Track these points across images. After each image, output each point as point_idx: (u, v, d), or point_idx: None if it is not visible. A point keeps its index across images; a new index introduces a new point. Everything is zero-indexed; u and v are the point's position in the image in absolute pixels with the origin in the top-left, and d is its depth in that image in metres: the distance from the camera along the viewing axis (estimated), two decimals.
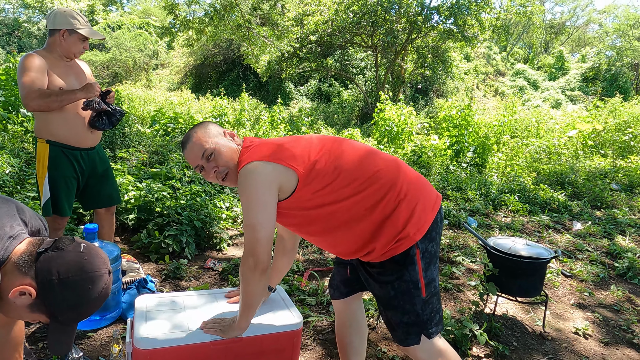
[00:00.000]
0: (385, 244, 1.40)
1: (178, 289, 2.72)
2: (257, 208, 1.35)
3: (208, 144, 1.47)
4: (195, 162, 1.49)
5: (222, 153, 1.46)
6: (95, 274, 1.16)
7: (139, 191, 3.61)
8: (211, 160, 1.46)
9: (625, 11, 24.53)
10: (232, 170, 1.47)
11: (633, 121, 9.72)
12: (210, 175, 1.49)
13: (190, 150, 1.48)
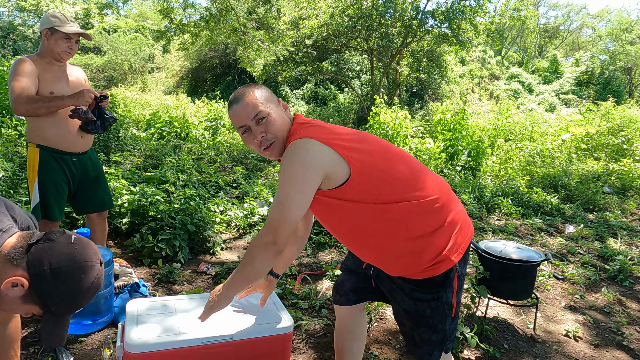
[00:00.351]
0: (426, 262, 1.36)
1: (171, 293, 2.72)
2: (297, 186, 1.25)
3: (263, 106, 1.36)
4: (242, 122, 1.36)
5: (274, 120, 1.36)
6: (87, 263, 1.17)
7: (132, 195, 3.61)
8: (261, 124, 1.35)
9: (618, 15, 24.78)
10: (278, 142, 1.37)
11: (625, 124, 9.81)
12: (253, 140, 1.37)
13: (242, 108, 1.35)
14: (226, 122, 10.81)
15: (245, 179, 5.52)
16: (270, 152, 1.39)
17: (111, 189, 3.69)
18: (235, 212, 4.09)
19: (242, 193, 4.87)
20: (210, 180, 5.05)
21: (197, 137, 7.99)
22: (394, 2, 14.09)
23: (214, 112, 10.14)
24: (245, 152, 7.22)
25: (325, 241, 3.76)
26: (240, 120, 1.37)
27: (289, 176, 1.26)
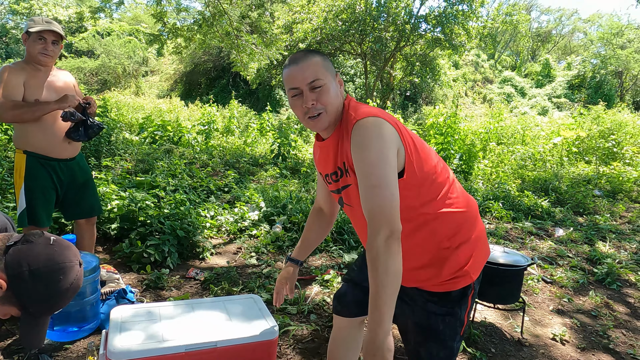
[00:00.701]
0: (446, 274, 1.32)
1: (159, 298, 2.71)
2: (386, 166, 1.15)
3: (322, 74, 1.27)
4: (295, 84, 1.28)
5: (330, 92, 1.28)
6: (66, 264, 1.17)
7: (122, 200, 3.60)
8: (315, 92, 1.27)
9: (609, 20, 25.07)
10: (326, 115, 1.29)
11: (616, 128, 9.91)
12: (301, 106, 1.29)
13: (300, 71, 1.27)
14: (219, 125, 10.81)
15: (237, 183, 5.52)
16: (314, 123, 1.30)
17: (101, 194, 3.68)
18: (226, 216, 4.09)
19: (233, 197, 4.87)
20: (202, 184, 5.04)
21: (190, 141, 7.98)
22: (387, 6, 14.18)
23: (207, 115, 10.14)
24: (238, 156, 7.22)
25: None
26: (294, 82, 1.28)
27: (375, 158, 1.16)
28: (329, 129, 1.34)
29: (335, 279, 3.12)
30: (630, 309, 3.15)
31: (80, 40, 22.18)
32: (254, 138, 9.71)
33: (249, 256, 3.48)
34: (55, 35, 2.28)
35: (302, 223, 4.03)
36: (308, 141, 11.18)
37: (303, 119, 1.31)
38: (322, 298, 2.88)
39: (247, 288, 2.92)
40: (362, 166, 1.18)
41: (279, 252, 3.67)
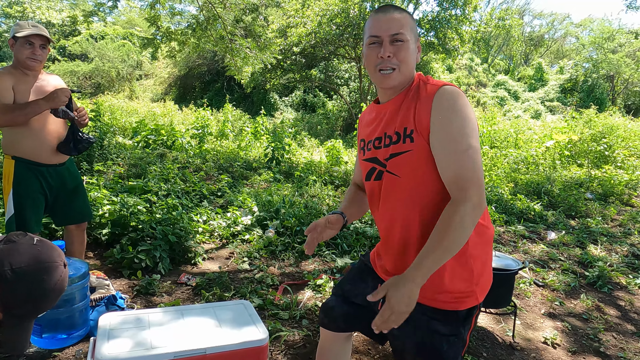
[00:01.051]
0: (455, 290, 1.25)
1: (150, 304, 2.69)
2: (474, 133, 1.14)
3: (406, 30, 1.23)
4: (377, 32, 1.23)
5: (408, 51, 1.24)
6: (50, 264, 1.15)
7: (113, 205, 3.58)
8: (395, 45, 1.23)
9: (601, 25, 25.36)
10: (398, 73, 1.24)
11: (607, 131, 10.00)
12: (376, 56, 1.24)
13: (386, 20, 1.23)
14: (213, 129, 10.79)
15: (230, 188, 5.50)
16: (383, 78, 1.25)
17: (92, 199, 3.66)
18: (219, 221, 4.07)
19: (226, 202, 4.85)
20: (195, 189, 5.02)
21: (184, 145, 7.96)
22: None
23: (201, 119, 10.12)
24: (232, 160, 7.21)
25: None
26: (376, 30, 1.23)
27: (463, 124, 1.13)
28: (395, 89, 1.28)
29: (327, 283, 3.12)
30: (621, 312, 3.17)
31: (73, 43, 22.08)
32: (248, 142, 9.70)
33: (242, 261, 3.47)
34: (43, 40, 2.27)
35: (295, 227, 4.02)
36: (302, 145, 11.19)
37: (374, 71, 1.26)
38: (314, 303, 2.88)
39: (239, 293, 2.91)
40: (450, 130, 1.14)
41: (272, 257, 3.66)
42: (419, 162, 1.19)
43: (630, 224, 5.40)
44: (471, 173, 1.11)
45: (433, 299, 1.26)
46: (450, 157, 1.14)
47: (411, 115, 1.21)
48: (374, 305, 1.38)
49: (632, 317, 3.11)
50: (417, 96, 1.23)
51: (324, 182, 6.23)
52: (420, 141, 1.19)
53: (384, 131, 1.29)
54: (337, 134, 15.37)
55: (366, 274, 1.52)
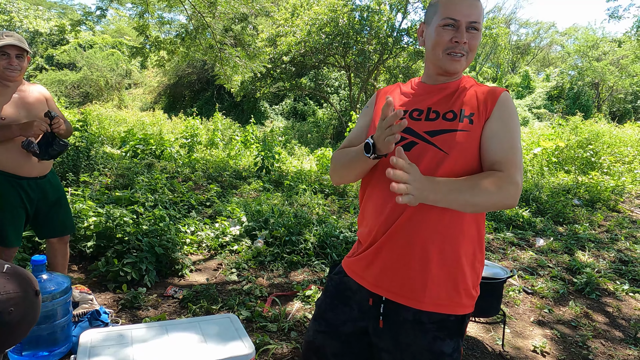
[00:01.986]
0: (461, 290, 1.21)
1: (135, 319, 2.63)
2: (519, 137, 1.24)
3: (481, 23, 1.24)
4: (456, 16, 1.20)
5: (478, 41, 1.25)
6: (18, 295, 1.10)
7: (99, 217, 3.52)
8: (470, 33, 1.22)
9: (585, 33, 25.87)
10: (466, 60, 1.25)
11: (593, 138, 10.15)
12: (449, 38, 1.21)
13: (470, 5, 1.21)
14: (203, 138, 10.73)
15: (219, 197, 5.46)
16: (453, 62, 1.23)
17: (76, 211, 3.60)
18: (207, 232, 4.03)
19: (215, 212, 4.81)
20: (183, 199, 4.97)
21: (172, 154, 7.89)
22: (370, 20, 14.38)
23: (190, 128, 10.06)
24: (221, 169, 7.16)
25: (298, 260, 3.73)
26: (455, 13, 1.20)
27: (516, 127, 1.22)
28: (452, 75, 1.28)
29: (316, 294, 3.09)
30: (609, 318, 3.19)
31: (61, 53, 21.92)
32: (237, 151, 9.66)
33: (230, 272, 3.43)
34: (18, 50, 2.22)
35: (284, 237, 3.99)
36: (292, 153, 11.18)
37: (442, 52, 1.23)
38: (303, 314, 2.84)
39: (226, 306, 2.87)
40: (510, 126, 1.20)
41: (261, 268, 3.63)
42: (472, 144, 1.20)
43: (617, 229, 5.46)
44: (519, 164, 1.17)
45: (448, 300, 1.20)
46: (505, 144, 1.18)
47: (474, 102, 1.24)
48: (372, 334, 1.27)
49: (620, 323, 3.12)
50: (478, 89, 1.27)
51: (313, 190, 6.22)
52: (478, 126, 1.21)
53: (428, 106, 1.27)
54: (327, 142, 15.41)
55: (346, 294, 1.33)
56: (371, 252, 1.26)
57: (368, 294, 1.27)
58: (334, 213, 5.38)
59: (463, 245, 1.20)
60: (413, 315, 1.20)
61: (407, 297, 1.20)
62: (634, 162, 9.62)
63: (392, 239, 1.21)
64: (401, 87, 1.40)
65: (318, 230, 4.20)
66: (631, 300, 3.51)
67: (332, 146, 13.68)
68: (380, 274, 1.24)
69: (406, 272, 1.20)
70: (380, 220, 1.23)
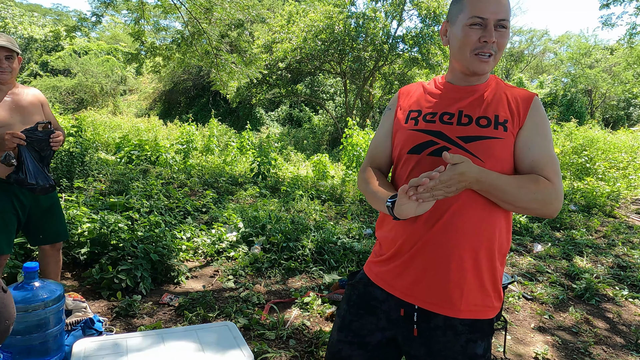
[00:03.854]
0: (492, 293, 1.21)
1: (130, 327, 2.58)
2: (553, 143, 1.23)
3: (509, 20, 1.20)
4: (486, 14, 1.15)
5: (507, 39, 1.21)
6: None
7: (93, 223, 3.46)
8: (499, 31, 1.17)
9: (577, 41, 26.15)
10: (494, 60, 1.20)
11: (588, 144, 10.21)
12: (477, 38, 1.17)
13: (499, 3, 1.17)
14: (199, 144, 10.68)
15: (216, 203, 5.41)
16: (481, 63, 1.19)
17: (70, 217, 3.54)
18: (203, 238, 3.98)
19: (211, 218, 4.76)
20: (179, 205, 4.92)
21: (168, 160, 7.84)
22: (366, 27, 14.46)
23: (186, 134, 10.01)
24: (217, 175, 7.11)
25: (295, 267, 3.68)
26: (483, 11, 1.15)
27: (551, 133, 1.22)
28: (480, 76, 1.24)
29: (315, 301, 3.04)
30: (610, 324, 3.17)
31: (56, 59, 21.84)
32: (233, 157, 9.62)
33: (226, 279, 3.38)
34: (7, 51, 2.16)
35: (281, 244, 3.95)
36: (288, 159, 11.15)
37: (470, 52, 1.18)
38: (301, 322, 2.80)
39: (223, 313, 2.81)
40: (546, 133, 1.20)
41: (258, 274, 3.58)
42: (506, 152, 1.18)
43: (614, 235, 5.46)
44: (558, 171, 1.17)
45: (483, 306, 1.19)
46: (542, 151, 1.17)
47: (506, 107, 1.21)
48: (402, 343, 1.24)
49: (621, 329, 3.10)
50: (508, 93, 1.24)
51: (310, 196, 6.18)
52: (511, 133, 1.18)
53: (459, 109, 1.22)
54: (323, 148, 15.40)
55: (372, 303, 1.28)
56: (404, 262, 1.22)
57: (398, 303, 1.23)
58: (331, 219, 5.34)
59: (495, 247, 1.19)
60: (444, 320, 1.18)
61: (444, 306, 1.18)
62: (628, 167, 9.67)
63: (426, 248, 1.18)
64: (425, 86, 1.36)
65: (315, 236, 4.16)
66: (631, 306, 3.50)
67: (328, 152, 13.66)
68: (414, 283, 1.20)
69: (442, 281, 1.17)
70: (412, 228, 1.20)
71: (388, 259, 1.27)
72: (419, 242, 1.19)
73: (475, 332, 1.19)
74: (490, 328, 1.22)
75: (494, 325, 1.25)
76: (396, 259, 1.24)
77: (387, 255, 1.27)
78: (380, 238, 1.33)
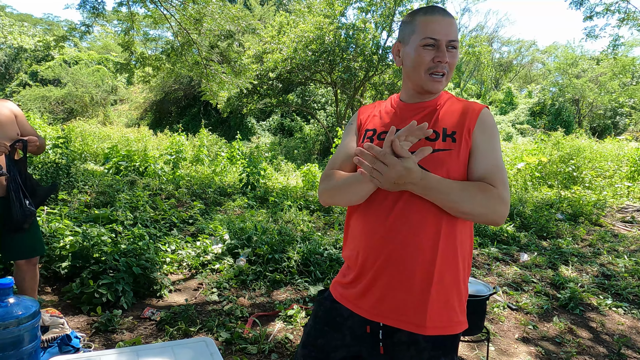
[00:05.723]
0: (458, 308, 1.21)
1: (109, 343, 2.53)
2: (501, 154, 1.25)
3: (458, 40, 1.25)
4: (438, 35, 1.20)
5: (457, 59, 1.25)
6: None
7: (75, 236, 3.42)
8: (450, 52, 1.22)
9: (564, 51, 26.60)
10: (446, 78, 1.25)
11: (575, 153, 10.33)
12: (431, 58, 1.21)
13: (448, 24, 1.21)
14: (188, 154, 10.64)
15: (203, 215, 5.37)
16: (434, 82, 1.23)
17: (52, 230, 3.49)
18: (187, 250, 3.94)
19: (197, 230, 4.72)
20: (165, 217, 4.88)
21: (156, 171, 7.79)
22: (356, 38, 14.59)
23: (175, 144, 9.98)
24: (206, 186, 7.08)
25: (281, 279, 3.66)
26: (436, 33, 1.20)
27: (498, 144, 1.24)
28: (433, 94, 1.27)
29: (299, 313, 3.02)
30: (593, 334, 3.18)
31: (46, 69, 21.73)
32: (223, 167, 9.59)
33: (210, 292, 3.34)
34: None
35: (267, 255, 3.93)
36: (279, 169, 11.14)
37: (425, 73, 1.22)
38: (284, 335, 2.77)
39: (205, 327, 2.78)
40: (494, 145, 1.22)
41: (242, 287, 3.55)
42: (456, 163, 1.19)
43: (599, 243, 5.51)
44: (505, 181, 1.19)
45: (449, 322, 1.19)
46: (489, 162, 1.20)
47: (455, 120, 1.23)
48: (367, 358, 1.25)
49: (604, 339, 3.11)
50: (458, 106, 1.27)
51: (299, 207, 6.17)
52: (462, 145, 1.20)
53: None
54: (314, 158, 15.43)
55: (337, 320, 1.29)
56: (368, 281, 1.23)
57: (363, 321, 1.24)
58: (319, 229, 5.33)
59: (459, 263, 1.20)
60: (408, 336, 1.19)
61: (410, 322, 1.18)
62: (614, 176, 9.80)
63: (389, 265, 1.19)
64: (381, 105, 1.40)
65: (302, 247, 4.14)
66: (614, 315, 3.52)
67: (318, 162, 13.68)
68: (379, 301, 1.21)
69: (407, 299, 1.18)
70: (371, 243, 1.21)
71: (353, 281, 1.27)
72: (380, 258, 1.20)
73: (438, 348, 1.19)
74: (454, 344, 1.23)
75: (458, 340, 1.25)
76: (361, 280, 1.25)
77: (352, 277, 1.28)
78: (345, 258, 1.34)
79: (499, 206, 1.14)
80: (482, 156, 1.20)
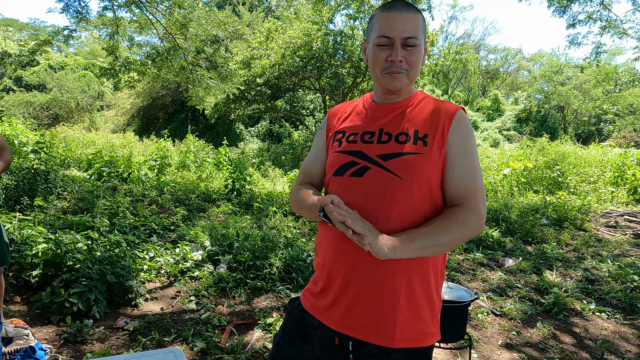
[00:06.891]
0: (429, 320, 1.18)
1: (77, 355, 2.43)
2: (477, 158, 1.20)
3: (420, 36, 1.17)
4: (391, 33, 1.15)
5: (419, 55, 1.18)
6: None
7: (48, 243, 3.30)
8: (407, 50, 1.16)
9: (549, 59, 27.05)
10: (406, 78, 1.19)
11: (560, 159, 10.44)
12: (385, 58, 1.17)
13: (403, 21, 1.15)
14: (174, 160, 10.51)
15: (185, 221, 5.27)
16: (392, 80, 1.18)
17: (24, 238, 3.37)
18: (166, 257, 3.84)
19: (178, 236, 4.62)
20: (144, 223, 4.77)
21: (140, 176, 7.66)
22: (343, 44, 14.63)
23: (160, 150, 9.85)
24: (190, 192, 6.97)
25: (262, 286, 3.58)
26: (389, 31, 1.15)
27: (475, 148, 1.19)
28: (399, 93, 1.23)
29: (278, 322, 2.94)
30: (576, 339, 3.15)
31: (30, 74, 21.42)
32: (209, 173, 9.48)
33: (188, 300, 3.25)
34: None
35: (248, 262, 3.84)
36: (266, 175, 11.06)
37: (380, 72, 1.19)
38: (262, 344, 2.69)
39: (180, 337, 2.69)
40: (469, 149, 1.17)
41: (222, 295, 3.46)
42: (428, 166, 1.14)
43: (583, 248, 5.52)
44: (481, 191, 1.14)
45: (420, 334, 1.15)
46: (464, 171, 1.15)
47: (427, 122, 1.18)
48: None
49: (587, 344, 3.08)
50: (431, 107, 1.21)
51: (284, 213, 6.10)
52: (433, 148, 1.15)
53: (380, 127, 1.21)
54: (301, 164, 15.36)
55: (307, 330, 1.25)
56: (336, 292, 1.18)
57: (333, 333, 1.20)
58: (304, 235, 5.26)
59: (430, 271, 1.16)
60: (378, 348, 1.14)
61: (379, 336, 1.13)
62: (598, 182, 9.91)
63: (357, 276, 1.14)
64: (354, 105, 1.35)
65: (284, 254, 4.07)
66: (597, 320, 3.50)
67: None
68: (347, 312, 1.17)
69: (375, 311, 1.13)
70: (336, 251, 1.17)
71: (322, 290, 1.23)
72: (344, 268, 1.15)
73: (412, 357, 1.15)
74: (427, 355, 1.18)
75: (431, 351, 1.20)
76: (329, 290, 1.21)
77: (321, 287, 1.24)
78: (314, 265, 1.30)
79: (475, 225, 1.11)
80: (459, 167, 1.15)
